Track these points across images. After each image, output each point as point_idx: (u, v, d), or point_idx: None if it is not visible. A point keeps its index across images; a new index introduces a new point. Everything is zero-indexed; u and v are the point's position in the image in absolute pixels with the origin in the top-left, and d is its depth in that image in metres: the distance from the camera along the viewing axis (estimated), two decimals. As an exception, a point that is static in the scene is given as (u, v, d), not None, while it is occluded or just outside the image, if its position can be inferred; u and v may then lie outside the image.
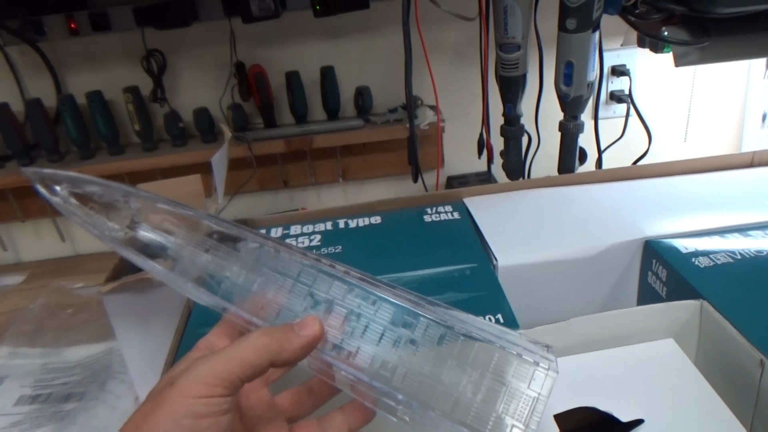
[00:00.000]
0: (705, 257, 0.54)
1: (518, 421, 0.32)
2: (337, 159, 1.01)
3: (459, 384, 0.33)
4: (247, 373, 0.28)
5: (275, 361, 0.29)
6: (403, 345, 0.34)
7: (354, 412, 0.34)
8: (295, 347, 0.30)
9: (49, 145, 0.96)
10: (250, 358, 0.28)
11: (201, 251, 0.38)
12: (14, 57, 0.94)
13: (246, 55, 0.93)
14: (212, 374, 0.27)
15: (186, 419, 0.26)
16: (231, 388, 0.28)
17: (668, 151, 1.02)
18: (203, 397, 0.27)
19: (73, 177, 0.39)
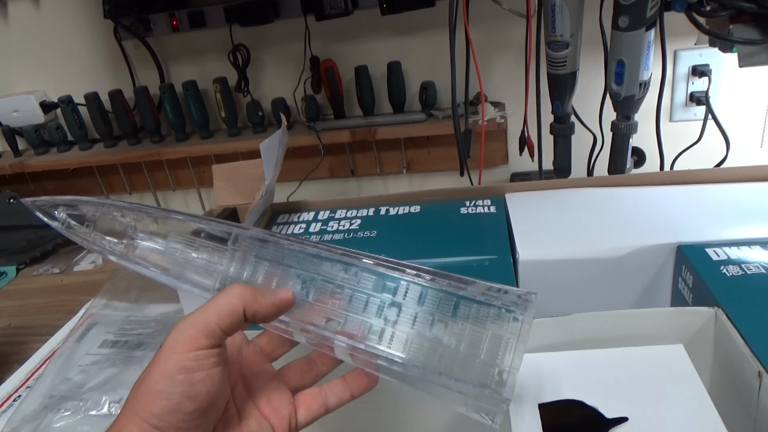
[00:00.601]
0: (735, 266, 0.52)
1: (504, 364, 0.35)
2: (401, 151, 1.05)
3: (442, 339, 0.35)
4: (225, 321, 0.29)
5: (248, 309, 0.30)
6: (387, 308, 0.36)
7: (355, 379, 0.35)
8: (267, 302, 0.31)
9: (152, 128, 1.09)
10: (227, 306, 0.30)
11: (191, 251, 0.40)
12: (129, 50, 1.07)
13: (320, 50, 0.99)
14: (193, 327, 0.29)
15: (179, 375, 0.27)
16: (213, 337, 0.29)
17: (744, 157, 0.94)
18: (190, 351, 0.28)
19: (67, 200, 0.42)
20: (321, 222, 0.73)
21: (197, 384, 0.28)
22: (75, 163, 1.13)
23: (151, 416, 0.27)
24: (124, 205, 0.42)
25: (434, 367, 0.34)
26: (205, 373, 0.28)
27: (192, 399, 0.28)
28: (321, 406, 0.35)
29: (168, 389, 0.27)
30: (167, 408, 0.27)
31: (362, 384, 0.35)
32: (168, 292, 0.92)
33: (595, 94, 0.81)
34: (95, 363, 0.75)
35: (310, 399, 0.35)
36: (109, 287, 0.95)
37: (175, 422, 0.27)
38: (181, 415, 0.27)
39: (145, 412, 0.27)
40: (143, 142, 1.12)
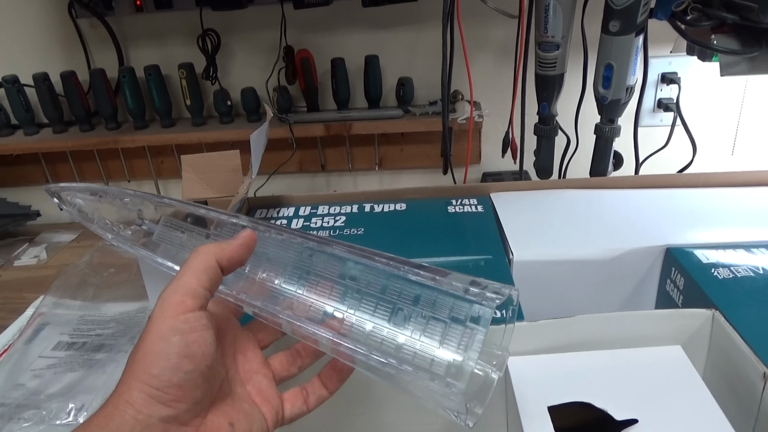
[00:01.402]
0: (725, 269, 0.53)
1: (463, 353, 0.34)
2: (374, 147, 1.03)
3: (404, 330, 0.35)
4: (203, 279, 0.31)
5: (220, 260, 0.32)
6: (351, 294, 0.37)
7: (328, 375, 0.37)
8: (234, 245, 0.34)
9: (108, 114, 1.02)
10: (200, 265, 0.32)
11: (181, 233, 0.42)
12: (84, 28, 1.00)
13: (295, 39, 0.96)
14: (176, 292, 0.30)
15: (173, 337, 0.29)
16: (198, 297, 0.31)
17: (714, 163, 0.99)
18: (180, 315, 0.29)
19: (82, 187, 0.44)
20: (303, 218, 0.70)
21: (192, 345, 0.29)
22: (19, 149, 1.04)
23: (152, 377, 0.28)
24: (130, 192, 0.44)
25: (398, 359, 0.34)
26: (198, 334, 0.30)
27: (189, 359, 0.29)
28: (303, 405, 0.36)
29: (165, 350, 0.28)
30: (167, 367, 0.28)
31: (334, 378, 0.37)
32: (129, 290, 0.86)
33: (572, 97, 0.82)
34: (51, 367, 0.69)
35: (293, 397, 0.36)
36: (60, 284, 0.88)
37: (176, 381, 0.28)
38: (181, 374, 0.29)
39: (145, 374, 0.28)
40: (97, 128, 1.05)
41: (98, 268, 0.92)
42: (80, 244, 1.06)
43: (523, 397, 0.45)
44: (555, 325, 0.49)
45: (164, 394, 0.28)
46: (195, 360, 0.29)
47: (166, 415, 0.28)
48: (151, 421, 0.28)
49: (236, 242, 0.34)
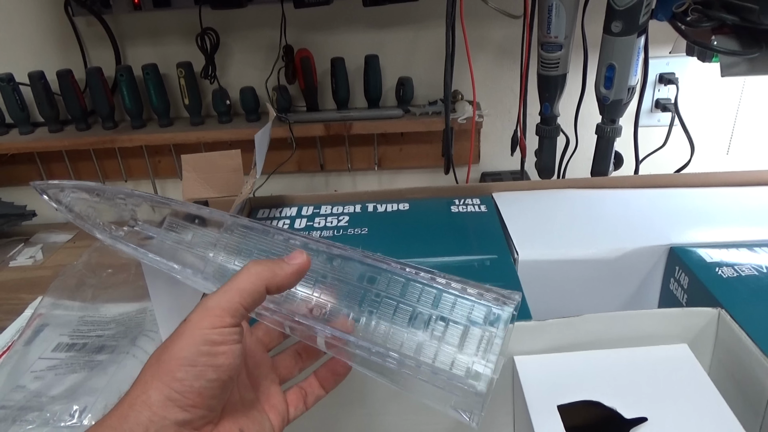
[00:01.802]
0: (729, 268, 0.54)
1: (479, 358, 0.34)
2: (374, 147, 1.03)
3: (419, 332, 0.35)
4: (248, 300, 0.31)
5: (270, 286, 0.32)
6: (368, 299, 0.37)
7: (325, 375, 0.38)
8: (287, 272, 0.33)
9: (105, 113, 1.01)
10: (248, 287, 0.32)
11: (185, 234, 0.43)
12: (81, 27, 0.99)
13: (295, 39, 0.96)
14: (219, 306, 0.30)
15: (204, 346, 0.29)
16: (237, 316, 0.31)
17: (710, 163, 1.00)
18: (216, 328, 0.30)
19: (75, 185, 0.44)
20: (306, 218, 0.70)
21: (220, 356, 0.30)
22: (14, 148, 1.03)
23: (174, 380, 0.28)
24: (129, 192, 0.44)
25: (410, 359, 0.34)
26: (228, 347, 0.30)
27: (214, 369, 0.29)
28: (303, 405, 0.37)
29: (193, 357, 0.29)
30: (191, 373, 0.29)
31: (332, 380, 0.38)
32: (128, 291, 0.86)
33: (572, 98, 0.83)
34: (52, 368, 0.68)
35: (295, 399, 0.37)
36: (58, 285, 0.87)
37: (198, 387, 0.29)
38: (204, 382, 0.29)
39: (168, 377, 0.28)
40: (93, 127, 1.04)
41: (96, 269, 0.91)
42: (76, 244, 1.05)
43: (533, 397, 0.45)
44: (563, 324, 0.49)
45: (183, 398, 0.28)
46: (219, 371, 0.30)
47: (182, 419, 0.29)
48: (166, 423, 0.28)
49: (291, 269, 0.34)
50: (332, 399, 0.48)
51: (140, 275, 0.88)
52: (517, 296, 0.36)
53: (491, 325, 0.35)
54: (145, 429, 0.27)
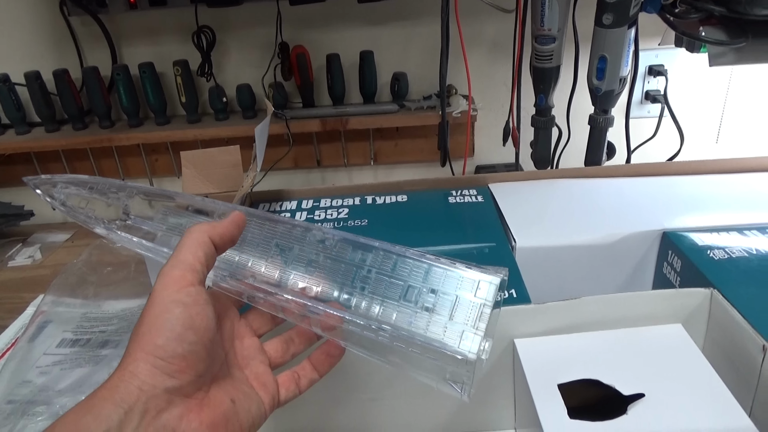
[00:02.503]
0: (720, 250, 0.56)
1: (470, 326, 0.36)
2: (369, 142, 1.04)
3: (411, 304, 0.37)
4: (199, 254, 0.33)
5: (213, 237, 0.34)
6: (360, 276, 0.38)
7: (319, 359, 0.39)
8: (225, 224, 0.35)
9: (101, 112, 1.02)
10: (194, 243, 0.33)
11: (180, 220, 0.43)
12: (76, 27, 1.00)
13: (290, 36, 0.97)
14: (175, 267, 0.31)
15: (176, 309, 0.30)
16: (196, 271, 0.32)
17: (699, 152, 1.02)
18: (182, 288, 0.31)
19: (68, 179, 0.44)
20: (306, 211, 0.71)
21: (195, 317, 0.30)
22: (10, 148, 1.03)
23: (157, 348, 0.29)
24: (121, 183, 0.45)
25: (403, 331, 0.36)
26: (200, 307, 0.31)
27: (193, 330, 0.30)
28: (296, 388, 0.37)
29: (169, 321, 0.29)
30: (171, 337, 0.29)
31: (326, 362, 0.39)
32: (130, 287, 0.86)
33: (564, 90, 0.84)
34: (57, 363, 0.69)
35: (287, 381, 0.37)
36: (59, 283, 0.88)
37: (180, 351, 0.29)
38: (185, 345, 0.29)
39: (150, 345, 0.29)
40: (90, 126, 1.04)
41: (96, 267, 0.91)
42: (75, 243, 1.06)
43: (534, 377, 0.46)
44: (561, 307, 0.50)
45: (169, 365, 0.29)
46: (198, 332, 0.30)
47: (171, 386, 0.29)
48: (156, 392, 0.28)
49: (227, 221, 0.36)
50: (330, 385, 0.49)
51: (141, 272, 0.89)
52: (504, 270, 0.38)
53: (480, 295, 0.36)
54: (136, 398, 0.28)
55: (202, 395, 0.31)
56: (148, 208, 0.45)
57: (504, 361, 0.51)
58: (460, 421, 0.54)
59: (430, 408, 0.53)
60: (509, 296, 0.52)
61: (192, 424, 0.29)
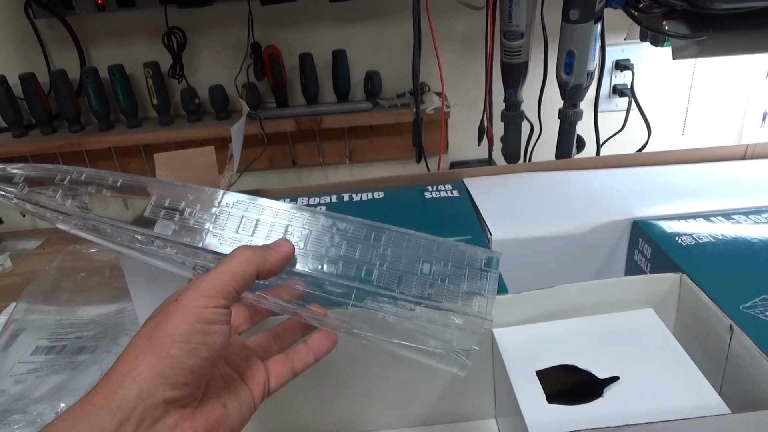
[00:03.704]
0: (688, 237, 0.58)
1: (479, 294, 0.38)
2: (344, 140, 1.04)
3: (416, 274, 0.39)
4: (239, 283, 0.32)
5: (260, 270, 0.33)
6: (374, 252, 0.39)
7: (317, 342, 0.39)
8: (276, 260, 0.35)
9: (71, 116, 1.00)
10: (240, 270, 0.32)
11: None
12: (42, 29, 0.98)
13: (262, 36, 0.96)
14: (212, 287, 0.31)
15: (198, 324, 0.30)
16: (229, 298, 0.32)
17: (666, 144, 1.05)
18: (209, 307, 0.30)
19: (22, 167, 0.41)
20: (283, 210, 0.71)
21: (212, 335, 0.30)
22: (-24, 155, 1.01)
23: (168, 356, 0.28)
24: (81, 170, 0.42)
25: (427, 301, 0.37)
26: (220, 327, 0.31)
27: (207, 347, 0.30)
28: (289, 372, 0.38)
29: (188, 334, 0.29)
30: (186, 350, 0.29)
31: (324, 346, 0.39)
32: (104, 292, 0.85)
33: (534, 85, 0.86)
34: (32, 371, 0.68)
35: (279, 366, 0.38)
36: (32, 290, 0.86)
37: (191, 365, 0.29)
38: (197, 359, 0.29)
39: (162, 352, 0.28)
40: (59, 131, 1.03)
41: (70, 273, 0.90)
42: (46, 250, 1.04)
43: (512, 365, 0.47)
44: (537, 295, 0.51)
45: (175, 376, 0.29)
46: (212, 349, 0.30)
47: (170, 397, 0.29)
48: (155, 401, 0.28)
49: (279, 256, 0.35)
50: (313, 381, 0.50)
51: (115, 277, 0.88)
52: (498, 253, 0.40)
53: (488, 267, 0.39)
54: (134, 406, 0.27)
55: (195, 404, 0.31)
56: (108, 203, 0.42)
57: (483, 351, 0.52)
58: (441, 413, 0.55)
59: (412, 401, 0.54)
60: (486, 287, 0.53)
61: None
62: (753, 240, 0.56)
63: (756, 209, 0.62)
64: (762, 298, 0.47)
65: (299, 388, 0.52)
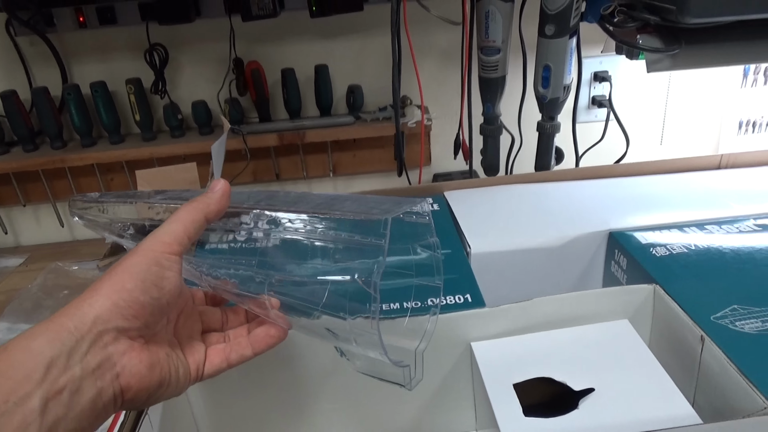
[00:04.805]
0: (662, 248, 0.59)
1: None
2: (328, 154, 1.05)
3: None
4: (191, 230, 0.36)
5: (207, 214, 0.37)
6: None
7: (258, 337, 0.40)
8: (216, 199, 0.38)
9: (53, 133, 1.00)
10: (189, 218, 0.36)
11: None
12: (24, 47, 0.98)
13: (244, 51, 0.97)
14: (167, 234, 0.35)
15: (154, 267, 0.33)
16: (182, 244, 0.35)
17: (645, 154, 1.06)
18: (164, 252, 0.34)
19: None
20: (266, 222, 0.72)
21: (164, 279, 0.34)
22: (-43, 173, 1.00)
23: (124, 290, 0.32)
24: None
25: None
26: (172, 273, 0.34)
27: (158, 288, 0.33)
28: (224, 361, 0.39)
29: (143, 273, 0.33)
30: (140, 287, 0.32)
31: (264, 342, 0.40)
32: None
33: (514, 98, 0.87)
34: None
35: (215, 354, 0.39)
36: (14, 309, 0.86)
37: (142, 301, 0.32)
38: (148, 297, 0.33)
39: (118, 285, 0.32)
40: (41, 148, 1.02)
41: (52, 290, 0.90)
42: (29, 267, 1.03)
43: (490, 378, 0.48)
44: (514, 309, 0.52)
45: (128, 308, 0.32)
46: (162, 292, 0.34)
47: (121, 326, 0.31)
48: (108, 327, 0.31)
49: (218, 195, 0.38)
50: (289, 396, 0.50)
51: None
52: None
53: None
54: (90, 328, 0.30)
55: (143, 341, 0.34)
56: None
57: (462, 364, 0.53)
58: (423, 426, 0.55)
59: (394, 414, 0.54)
60: (464, 301, 0.54)
61: (132, 361, 0.32)
62: (724, 250, 0.57)
63: (728, 219, 0.63)
64: (732, 308, 0.48)
65: (278, 403, 0.53)
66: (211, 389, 0.52)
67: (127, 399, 0.32)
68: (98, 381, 0.30)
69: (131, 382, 0.32)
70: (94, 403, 0.30)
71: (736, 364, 0.42)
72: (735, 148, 1.09)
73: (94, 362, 0.30)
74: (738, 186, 0.71)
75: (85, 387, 0.30)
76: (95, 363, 0.30)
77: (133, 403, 0.33)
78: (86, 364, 0.30)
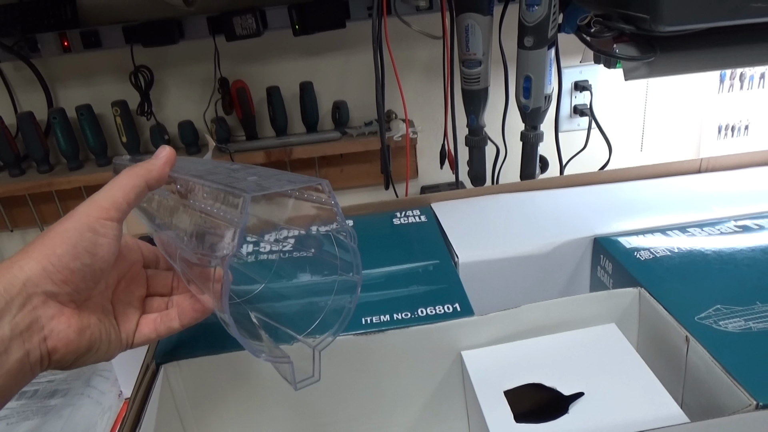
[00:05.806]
0: (646, 251, 0.59)
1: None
2: (315, 170, 1.06)
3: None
4: (130, 196, 0.35)
5: (148, 180, 0.36)
6: None
7: (184, 309, 0.40)
8: (159, 165, 0.37)
9: (39, 157, 1.00)
10: (129, 183, 0.35)
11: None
12: (8, 72, 0.98)
13: (229, 71, 0.98)
14: (105, 200, 0.34)
15: (87, 233, 0.33)
16: (120, 210, 0.35)
17: (626, 160, 1.08)
18: (100, 218, 0.34)
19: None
20: (253, 241, 0.72)
21: (98, 246, 0.33)
22: (-57, 200, 1.00)
23: (54, 254, 0.32)
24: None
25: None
26: (108, 240, 0.34)
27: (91, 255, 0.33)
28: (152, 332, 0.40)
29: (75, 239, 0.32)
30: (70, 252, 0.32)
31: (188, 315, 0.40)
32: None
33: (497, 109, 0.89)
34: (3, 419, 0.67)
35: (144, 324, 0.40)
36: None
37: (72, 267, 0.32)
38: (78, 263, 0.32)
39: (49, 250, 0.32)
40: (28, 172, 1.02)
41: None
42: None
43: (481, 386, 0.48)
44: (503, 316, 0.52)
45: (57, 273, 0.32)
46: (95, 258, 0.33)
47: (50, 291, 0.32)
48: (37, 290, 0.31)
49: (161, 161, 0.38)
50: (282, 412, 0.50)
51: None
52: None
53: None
54: (19, 291, 0.30)
55: (74, 306, 0.34)
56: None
57: (454, 374, 0.53)
58: (416, 436, 0.55)
59: (387, 425, 0.54)
60: (454, 310, 0.54)
61: (61, 325, 0.32)
62: (707, 252, 0.58)
63: (710, 222, 0.64)
64: (715, 308, 0.49)
65: (272, 420, 0.52)
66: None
67: (54, 360, 0.32)
68: (26, 343, 0.30)
69: (58, 345, 0.32)
70: (22, 363, 0.30)
71: (721, 362, 0.42)
72: (715, 152, 1.11)
73: (23, 324, 0.30)
74: (719, 189, 0.73)
75: (13, 347, 0.30)
76: (24, 325, 0.30)
77: (60, 364, 0.33)
78: (15, 325, 0.30)
